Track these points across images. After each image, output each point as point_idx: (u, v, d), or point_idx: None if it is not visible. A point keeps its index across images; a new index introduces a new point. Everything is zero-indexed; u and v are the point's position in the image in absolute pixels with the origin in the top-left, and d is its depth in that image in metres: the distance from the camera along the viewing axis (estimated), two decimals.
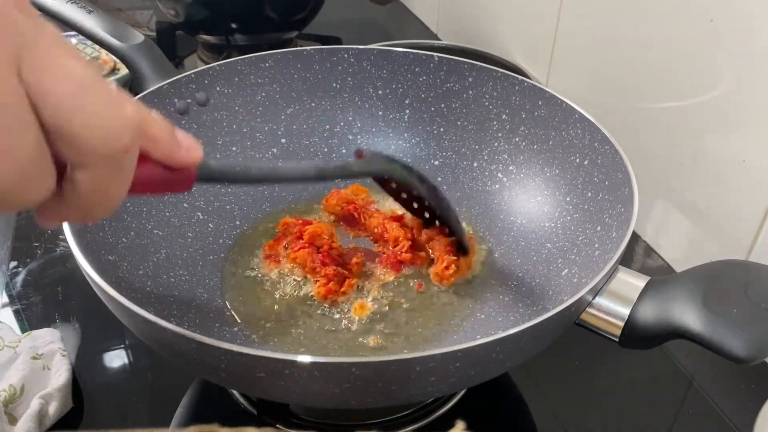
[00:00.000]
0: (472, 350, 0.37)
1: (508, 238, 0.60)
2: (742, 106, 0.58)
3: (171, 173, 0.32)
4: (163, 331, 0.38)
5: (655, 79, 0.66)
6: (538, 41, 0.83)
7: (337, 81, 0.67)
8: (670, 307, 0.43)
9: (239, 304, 0.54)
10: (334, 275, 0.54)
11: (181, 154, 0.32)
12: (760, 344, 0.41)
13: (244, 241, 0.60)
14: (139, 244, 0.54)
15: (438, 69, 0.65)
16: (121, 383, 0.55)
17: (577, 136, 0.58)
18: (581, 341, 0.48)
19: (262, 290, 0.55)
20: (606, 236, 0.51)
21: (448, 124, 0.66)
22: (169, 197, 0.58)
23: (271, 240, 0.59)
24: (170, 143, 0.32)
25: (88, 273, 0.42)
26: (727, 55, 0.58)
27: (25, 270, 0.65)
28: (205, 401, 0.53)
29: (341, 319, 0.53)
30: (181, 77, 0.60)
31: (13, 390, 0.50)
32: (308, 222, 0.59)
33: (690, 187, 0.65)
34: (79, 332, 0.58)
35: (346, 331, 0.52)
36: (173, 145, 0.32)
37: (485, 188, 0.64)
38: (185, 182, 0.33)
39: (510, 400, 0.55)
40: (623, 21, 0.68)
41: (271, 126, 0.66)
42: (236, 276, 0.56)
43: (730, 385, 0.58)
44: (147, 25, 1.04)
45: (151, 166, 0.31)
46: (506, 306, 0.54)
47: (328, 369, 0.37)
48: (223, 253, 0.58)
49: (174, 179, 0.32)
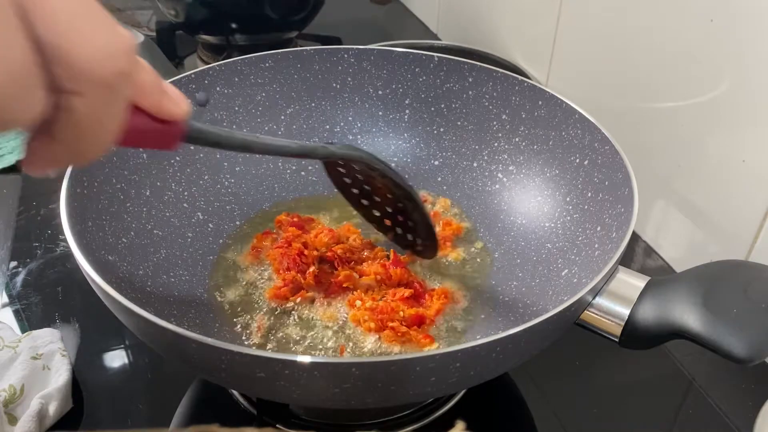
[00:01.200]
0: (472, 350, 0.37)
1: (508, 238, 0.60)
2: (742, 106, 0.58)
3: (158, 125, 0.31)
4: (163, 331, 0.38)
5: (655, 79, 0.66)
6: (538, 41, 0.83)
7: (337, 81, 0.67)
8: (670, 308, 0.43)
9: (238, 303, 0.54)
10: (290, 281, 0.54)
11: (170, 105, 0.31)
12: (760, 344, 0.41)
13: (243, 241, 0.60)
14: (139, 244, 0.54)
15: (438, 69, 0.65)
16: (121, 383, 0.55)
17: (577, 136, 0.58)
18: (581, 341, 0.48)
19: (254, 289, 0.55)
20: (606, 236, 0.51)
21: (448, 124, 0.66)
22: (169, 198, 0.58)
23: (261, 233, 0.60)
24: (159, 92, 0.31)
25: (88, 273, 0.42)
26: (727, 55, 0.58)
27: (25, 270, 0.65)
28: (205, 401, 0.53)
29: (346, 321, 0.53)
30: (181, 77, 0.60)
31: (13, 390, 0.50)
32: (304, 220, 0.59)
33: (690, 187, 0.65)
34: (79, 332, 0.58)
35: (346, 330, 0.52)
36: (162, 95, 0.31)
37: (485, 188, 0.64)
38: (171, 138, 0.32)
39: (510, 400, 0.55)
40: (623, 21, 0.68)
41: (271, 126, 0.66)
42: (236, 276, 0.56)
43: (730, 385, 0.58)
44: (147, 25, 1.04)
45: (139, 115, 0.30)
46: (506, 306, 0.54)
47: (328, 369, 0.37)
48: (223, 253, 0.58)
49: (160, 132, 0.31)
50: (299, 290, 0.54)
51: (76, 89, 0.25)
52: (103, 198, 0.52)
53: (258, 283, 0.56)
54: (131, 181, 0.56)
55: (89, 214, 0.50)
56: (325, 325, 0.52)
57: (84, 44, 0.25)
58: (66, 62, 0.24)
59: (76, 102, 0.25)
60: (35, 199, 0.72)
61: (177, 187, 0.60)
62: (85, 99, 0.26)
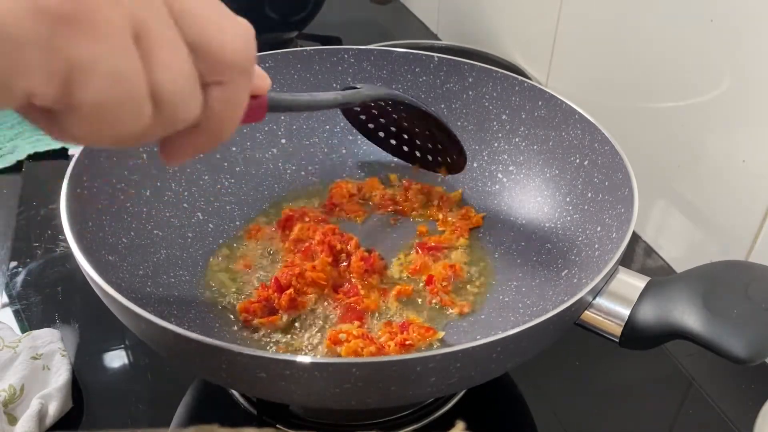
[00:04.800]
0: (472, 350, 0.37)
1: (508, 238, 0.60)
2: (742, 106, 0.58)
3: (252, 101, 0.33)
4: (163, 331, 0.38)
5: (655, 79, 0.66)
6: (538, 41, 0.83)
7: (337, 81, 0.67)
8: (671, 308, 0.43)
9: (237, 303, 0.54)
10: (264, 299, 0.52)
11: (259, 81, 0.33)
12: (760, 345, 0.41)
13: (243, 241, 0.60)
14: (139, 244, 0.54)
15: (438, 69, 0.65)
16: (121, 383, 0.55)
17: (577, 136, 0.58)
18: (581, 341, 0.48)
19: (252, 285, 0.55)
20: (606, 237, 0.51)
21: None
22: (169, 197, 0.58)
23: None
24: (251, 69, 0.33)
25: (88, 273, 0.42)
26: (727, 55, 0.58)
27: (25, 270, 0.64)
28: (205, 401, 0.53)
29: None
30: None
31: (13, 390, 0.50)
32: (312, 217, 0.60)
33: (690, 187, 0.65)
34: (79, 332, 0.58)
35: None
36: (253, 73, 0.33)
37: (485, 188, 0.64)
38: (262, 110, 0.34)
39: (510, 400, 0.55)
40: (623, 21, 0.68)
41: (271, 126, 0.66)
42: (236, 276, 0.56)
43: (730, 385, 0.58)
44: None
45: None
46: (506, 306, 0.54)
47: (328, 369, 0.37)
48: (223, 253, 0.58)
49: (255, 106, 0.33)
50: (271, 312, 0.52)
51: (220, 79, 0.28)
52: (103, 198, 0.52)
53: (257, 284, 0.56)
54: (131, 181, 0.55)
55: (89, 214, 0.50)
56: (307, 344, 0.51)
57: (225, 38, 0.27)
58: (213, 57, 0.27)
59: (219, 92, 0.28)
60: (35, 199, 0.72)
61: (177, 187, 0.60)
62: (227, 87, 0.28)
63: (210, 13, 0.27)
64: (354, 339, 0.48)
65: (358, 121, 0.62)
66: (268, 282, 0.54)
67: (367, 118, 0.61)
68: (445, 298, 0.54)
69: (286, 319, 0.52)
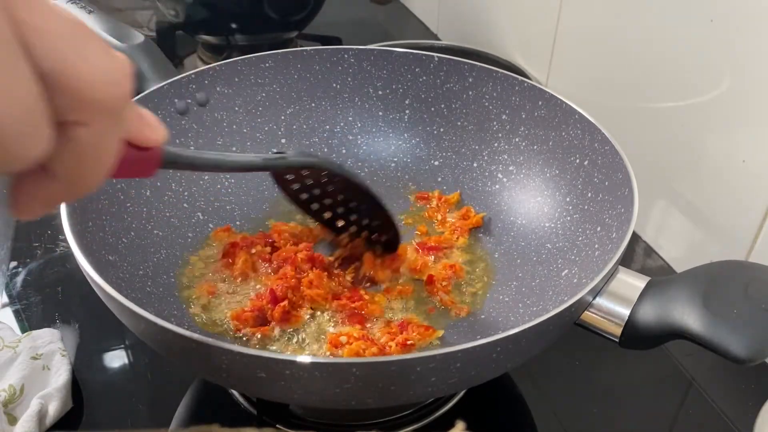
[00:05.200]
0: (472, 350, 0.37)
1: (508, 238, 0.60)
2: (742, 106, 0.58)
3: (139, 153, 0.30)
4: (163, 331, 0.38)
5: (655, 79, 0.66)
6: (538, 41, 0.83)
7: (337, 81, 0.67)
8: (671, 308, 0.43)
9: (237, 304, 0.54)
10: (258, 309, 0.51)
11: (149, 131, 0.30)
12: (760, 345, 0.41)
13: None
14: (139, 244, 0.54)
15: (438, 69, 0.65)
16: (121, 383, 0.55)
17: (577, 136, 0.58)
18: (581, 341, 0.48)
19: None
20: (606, 237, 0.51)
21: (448, 125, 0.66)
22: (169, 198, 0.58)
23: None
24: (139, 118, 0.29)
25: (88, 273, 0.42)
26: (727, 55, 0.58)
27: (25, 270, 0.65)
28: (205, 401, 0.53)
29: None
30: (181, 77, 0.60)
31: (13, 390, 0.50)
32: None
33: (690, 187, 0.65)
34: (79, 332, 0.58)
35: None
36: (141, 120, 0.29)
37: (485, 188, 0.64)
38: (152, 164, 0.31)
39: (510, 400, 0.55)
40: (623, 21, 0.68)
41: (271, 126, 0.66)
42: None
43: (730, 385, 0.58)
44: (147, 25, 1.04)
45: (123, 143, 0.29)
46: (506, 306, 0.54)
47: (328, 369, 0.37)
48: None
49: (141, 160, 0.30)
50: (264, 322, 0.51)
51: (81, 119, 0.24)
52: (103, 198, 0.52)
53: (256, 284, 0.56)
54: (131, 181, 0.55)
55: (89, 214, 0.50)
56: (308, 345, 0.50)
57: (89, 70, 0.23)
58: (72, 90, 0.23)
59: (79, 133, 0.24)
60: None
61: (177, 187, 0.60)
62: (89, 128, 0.24)
63: (72, 38, 0.23)
64: (355, 341, 0.48)
65: (289, 189, 0.54)
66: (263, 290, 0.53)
67: (301, 188, 0.54)
68: (445, 298, 0.54)
69: (279, 332, 0.51)
